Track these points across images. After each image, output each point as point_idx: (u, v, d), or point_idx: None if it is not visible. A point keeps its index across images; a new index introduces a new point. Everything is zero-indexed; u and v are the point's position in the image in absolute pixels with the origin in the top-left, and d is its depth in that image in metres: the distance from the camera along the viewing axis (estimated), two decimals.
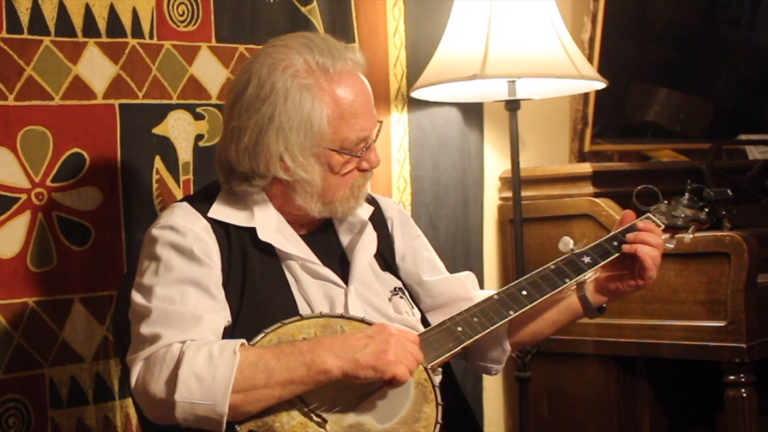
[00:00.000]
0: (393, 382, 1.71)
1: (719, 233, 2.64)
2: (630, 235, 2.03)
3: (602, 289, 2.06)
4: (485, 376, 3.11)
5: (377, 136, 1.95)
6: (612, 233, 2.08)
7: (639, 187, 2.17)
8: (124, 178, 2.39)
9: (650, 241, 2.01)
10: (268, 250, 1.90)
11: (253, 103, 1.85)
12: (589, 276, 2.05)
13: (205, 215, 1.89)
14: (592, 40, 3.38)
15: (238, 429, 1.67)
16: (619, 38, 3.52)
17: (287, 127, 1.84)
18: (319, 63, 1.86)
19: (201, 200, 1.93)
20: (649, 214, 2.14)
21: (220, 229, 1.88)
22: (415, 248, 2.14)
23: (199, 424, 1.67)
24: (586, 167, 3.04)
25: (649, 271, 2.00)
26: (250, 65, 1.90)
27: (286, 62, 1.86)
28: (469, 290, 2.12)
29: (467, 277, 2.17)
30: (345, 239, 2.03)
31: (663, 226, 2.11)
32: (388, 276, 2.06)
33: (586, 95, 3.39)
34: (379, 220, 2.09)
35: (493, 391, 3.20)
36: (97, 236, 2.34)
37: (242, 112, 1.87)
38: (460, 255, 3.06)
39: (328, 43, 1.89)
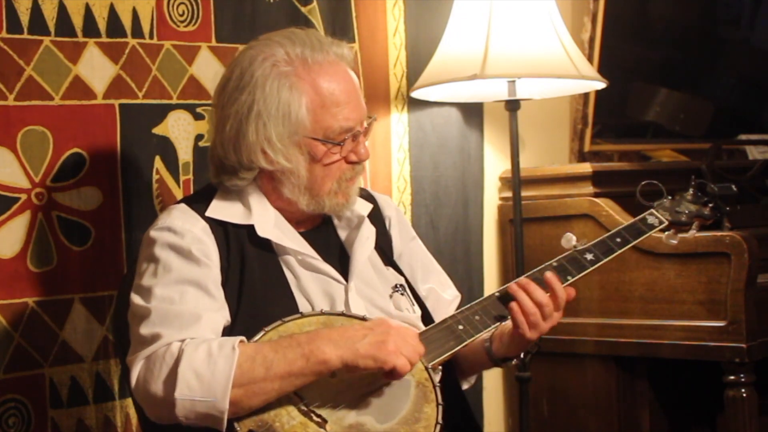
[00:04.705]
0: (393, 374, 1.71)
1: (719, 233, 2.64)
2: (510, 288, 1.91)
3: (498, 337, 1.99)
4: (485, 376, 3.11)
5: (367, 130, 1.95)
6: (615, 230, 2.08)
7: (643, 183, 2.16)
8: (124, 178, 2.39)
9: (522, 300, 1.88)
10: (267, 247, 1.90)
11: (233, 93, 1.89)
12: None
13: (203, 215, 1.89)
14: (592, 40, 3.38)
15: (238, 429, 1.67)
16: (619, 38, 3.52)
17: (265, 115, 1.86)
18: (299, 54, 1.89)
19: (198, 201, 1.94)
20: (652, 210, 2.14)
21: (218, 228, 1.89)
22: (411, 250, 2.15)
23: (200, 422, 1.67)
24: (586, 167, 3.04)
25: (521, 330, 1.88)
26: (235, 59, 1.94)
27: (267, 53, 1.89)
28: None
29: (454, 299, 2.17)
30: (343, 235, 2.03)
31: (667, 222, 2.12)
32: (390, 272, 2.06)
33: (586, 95, 3.38)
34: (377, 217, 2.09)
35: (493, 391, 3.20)
36: (97, 236, 2.34)
37: (225, 102, 1.90)
38: (460, 255, 3.06)
39: (310, 36, 1.92)
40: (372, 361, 1.69)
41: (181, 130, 2.49)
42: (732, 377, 2.62)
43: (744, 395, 2.61)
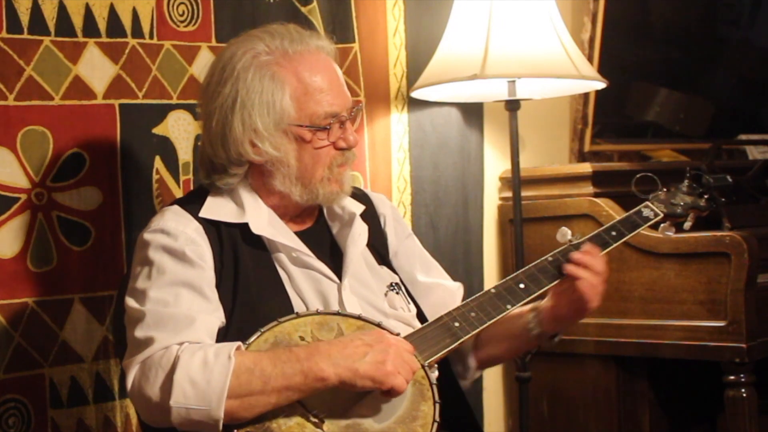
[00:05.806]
0: (390, 393, 1.71)
1: (719, 233, 2.64)
2: (573, 259, 1.95)
3: (549, 319, 2.01)
4: (485, 376, 3.11)
5: (354, 117, 1.97)
6: (610, 223, 2.08)
7: (638, 175, 2.16)
8: (124, 178, 2.39)
9: (593, 266, 1.94)
10: (260, 245, 1.91)
11: (216, 87, 1.91)
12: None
13: (196, 216, 1.90)
14: (592, 40, 3.38)
15: (236, 430, 1.67)
16: (619, 38, 3.52)
17: (249, 105, 1.88)
18: (278, 45, 1.92)
19: (191, 202, 1.94)
20: (647, 203, 2.14)
21: (212, 228, 1.89)
22: (408, 247, 2.15)
23: (195, 428, 1.67)
24: (586, 167, 3.04)
25: (590, 303, 1.94)
26: (217, 57, 1.97)
27: (247, 47, 1.92)
28: (457, 302, 2.09)
29: (458, 288, 2.17)
30: (335, 232, 2.03)
31: (662, 215, 2.12)
32: (384, 271, 2.06)
33: (586, 95, 3.39)
34: (371, 215, 2.09)
35: (493, 391, 3.20)
36: (97, 236, 2.34)
37: (209, 98, 1.92)
38: (460, 255, 3.05)
39: (290, 30, 1.95)
40: (370, 382, 1.70)
41: (181, 130, 2.49)
42: (732, 377, 2.62)
43: (744, 395, 2.61)
